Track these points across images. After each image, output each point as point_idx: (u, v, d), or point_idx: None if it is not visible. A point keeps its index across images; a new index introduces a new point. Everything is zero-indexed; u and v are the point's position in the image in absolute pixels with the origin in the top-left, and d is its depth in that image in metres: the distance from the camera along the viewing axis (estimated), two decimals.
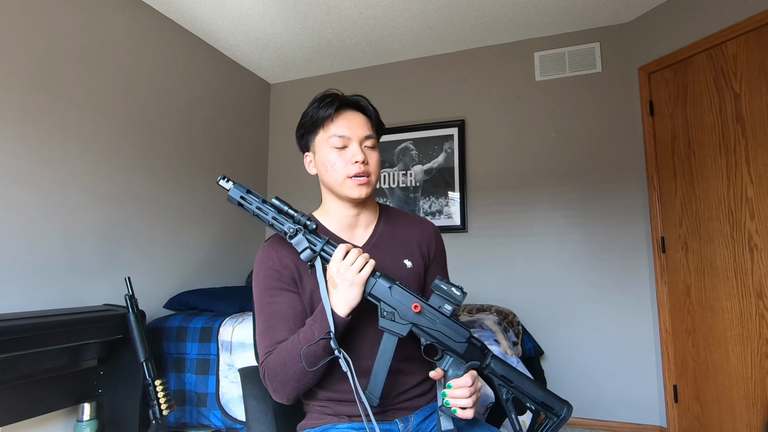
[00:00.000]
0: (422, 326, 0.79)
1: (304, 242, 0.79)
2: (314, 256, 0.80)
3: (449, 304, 0.79)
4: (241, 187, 0.81)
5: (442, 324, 0.79)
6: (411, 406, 0.90)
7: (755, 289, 1.91)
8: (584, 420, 2.39)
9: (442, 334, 0.79)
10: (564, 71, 2.62)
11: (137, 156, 2.24)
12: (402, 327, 0.79)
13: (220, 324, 2.04)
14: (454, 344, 0.79)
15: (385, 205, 1.04)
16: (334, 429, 0.87)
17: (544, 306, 2.53)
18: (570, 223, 2.53)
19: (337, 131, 0.89)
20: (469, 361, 0.79)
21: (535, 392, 0.80)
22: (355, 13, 2.42)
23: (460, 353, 0.79)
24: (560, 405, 0.79)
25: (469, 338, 0.79)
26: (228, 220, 2.88)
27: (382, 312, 0.79)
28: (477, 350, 0.80)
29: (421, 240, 0.98)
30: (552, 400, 0.80)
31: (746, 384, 1.92)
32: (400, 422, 0.88)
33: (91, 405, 1.77)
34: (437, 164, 2.84)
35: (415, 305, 0.78)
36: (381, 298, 0.79)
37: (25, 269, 1.73)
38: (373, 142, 0.92)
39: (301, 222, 0.80)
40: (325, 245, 0.80)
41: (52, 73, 1.86)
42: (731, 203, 2.00)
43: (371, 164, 0.90)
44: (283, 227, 0.80)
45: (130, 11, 2.23)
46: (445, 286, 0.79)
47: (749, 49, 1.96)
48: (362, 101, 0.93)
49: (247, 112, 3.13)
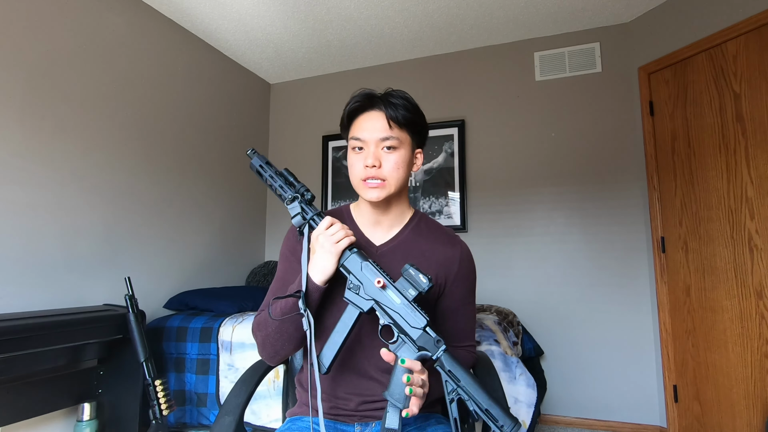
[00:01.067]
0: (383, 304, 0.81)
1: (297, 208, 0.87)
2: (304, 223, 0.87)
3: (413, 289, 0.80)
4: (261, 158, 0.92)
5: (403, 306, 0.80)
6: (376, 416, 0.90)
7: (755, 289, 1.91)
8: (584, 420, 2.39)
9: (400, 316, 0.80)
10: (564, 71, 2.62)
11: (137, 156, 2.24)
12: (364, 302, 0.82)
13: (220, 324, 2.04)
14: (410, 329, 0.80)
15: (426, 216, 1.02)
16: (300, 421, 0.92)
17: (544, 306, 2.53)
18: (570, 222, 2.53)
19: (356, 134, 0.91)
20: (421, 350, 0.79)
21: (481, 397, 0.76)
22: (356, 12, 2.42)
23: (413, 338, 0.80)
24: (506, 419, 0.74)
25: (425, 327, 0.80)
26: (228, 220, 2.88)
27: (349, 284, 0.83)
28: (431, 341, 0.79)
29: (444, 260, 0.94)
30: (498, 411, 0.75)
31: (746, 384, 1.92)
32: (358, 426, 0.89)
33: (91, 405, 1.77)
34: (437, 164, 2.84)
35: (378, 280, 0.81)
36: (351, 271, 0.83)
37: (25, 269, 1.73)
38: (394, 142, 0.89)
39: (300, 191, 0.88)
40: (315, 215, 0.87)
41: (53, 73, 1.86)
42: (731, 203, 2.00)
43: (386, 167, 0.88)
44: (285, 194, 0.88)
45: (130, 11, 2.23)
46: (413, 271, 0.80)
47: (749, 49, 1.96)
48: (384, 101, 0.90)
49: (247, 112, 3.13)
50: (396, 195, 0.93)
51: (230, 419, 0.89)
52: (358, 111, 0.91)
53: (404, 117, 0.89)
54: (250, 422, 1.90)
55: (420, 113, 0.93)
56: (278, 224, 3.25)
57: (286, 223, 3.19)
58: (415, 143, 0.94)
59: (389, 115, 0.88)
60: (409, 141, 0.92)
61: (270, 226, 3.28)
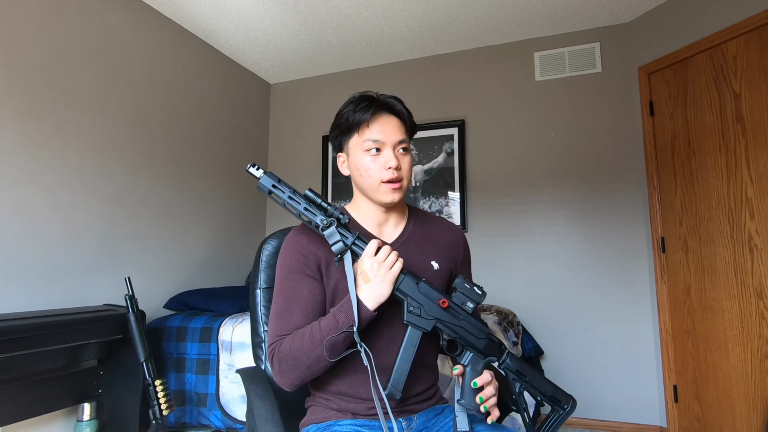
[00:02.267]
0: (446, 322, 0.82)
1: (336, 235, 0.81)
2: (345, 249, 0.81)
3: (471, 302, 0.82)
4: (272, 176, 0.83)
5: (465, 320, 0.83)
6: (415, 409, 0.91)
7: (755, 289, 1.91)
8: (584, 420, 2.39)
9: (465, 330, 0.82)
10: (564, 71, 2.62)
11: (137, 156, 2.24)
12: (427, 322, 0.81)
13: (220, 324, 2.04)
14: (476, 340, 0.83)
15: (415, 207, 1.06)
16: (338, 425, 0.87)
17: (544, 306, 2.53)
18: (570, 223, 2.53)
19: (372, 136, 0.90)
20: (487, 357, 0.83)
21: (545, 386, 0.85)
22: (355, 12, 2.42)
23: (480, 349, 0.83)
24: (566, 398, 0.85)
25: (489, 335, 0.83)
26: (228, 220, 2.88)
27: (409, 307, 0.81)
28: (495, 347, 0.84)
29: (450, 244, 0.99)
30: (559, 394, 0.85)
31: (746, 384, 1.92)
32: (403, 421, 0.89)
33: (91, 405, 1.77)
34: (437, 164, 2.84)
35: (442, 301, 0.81)
36: (408, 294, 0.82)
37: (25, 269, 1.73)
38: (406, 146, 0.93)
39: (334, 215, 0.82)
40: (356, 239, 0.83)
41: (52, 73, 1.86)
42: (731, 203, 2.00)
43: (404, 169, 0.91)
44: (315, 219, 0.82)
45: (130, 11, 2.23)
46: (468, 284, 0.82)
47: (749, 49, 1.96)
48: (397, 105, 0.94)
49: (247, 112, 3.13)
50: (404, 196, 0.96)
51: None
52: (374, 114, 0.91)
53: (409, 121, 0.95)
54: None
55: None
56: (278, 224, 3.25)
57: (286, 223, 3.19)
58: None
59: (403, 119, 0.93)
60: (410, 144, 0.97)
61: (270, 226, 3.28)
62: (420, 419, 0.91)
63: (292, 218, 3.17)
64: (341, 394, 0.90)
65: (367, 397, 0.88)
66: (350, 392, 0.89)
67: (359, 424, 0.87)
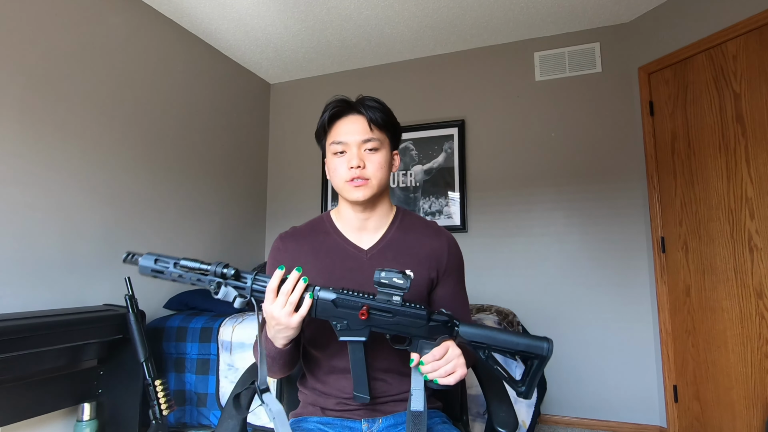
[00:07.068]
0: (378, 325, 0.78)
1: (232, 291, 0.75)
2: (247, 299, 0.77)
3: (396, 294, 0.77)
4: (149, 256, 0.75)
5: (398, 315, 0.78)
6: (385, 410, 0.92)
7: (755, 289, 1.90)
8: (584, 420, 2.39)
9: (400, 325, 0.78)
10: (564, 71, 2.62)
11: (137, 156, 2.24)
12: (360, 332, 0.78)
13: (220, 324, 2.04)
14: (416, 330, 0.78)
15: (406, 210, 1.04)
16: (305, 422, 0.93)
17: (544, 306, 2.53)
18: (570, 222, 2.53)
19: (336, 138, 0.92)
20: (438, 338, 0.79)
21: (513, 343, 0.78)
22: (355, 12, 2.42)
23: (425, 336, 0.78)
24: (539, 344, 0.77)
25: (429, 318, 0.78)
26: (228, 220, 2.88)
27: (337, 326, 0.78)
28: (441, 326, 0.79)
29: (433, 251, 0.96)
30: (531, 344, 0.78)
31: (746, 384, 1.92)
32: (365, 422, 0.90)
33: (91, 405, 1.77)
34: (437, 164, 2.84)
35: (361, 313, 0.76)
36: (330, 314, 0.78)
37: (25, 269, 1.73)
38: (376, 144, 0.92)
39: (217, 273, 0.75)
40: (253, 284, 0.77)
41: (52, 73, 1.86)
42: (731, 203, 2.00)
43: (370, 167, 0.91)
44: (206, 285, 0.76)
45: (129, 11, 2.23)
46: (386, 278, 0.76)
47: (749, 49, 1.96)
48: (362, 105, 0.93)
49: (247, 112, 3.13)
50: (379, 195, 0.95)
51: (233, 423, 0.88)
52: (337, 116, 0.94)
53: (382, 119, 0.93)
54: (251, 422, 1.90)
55: (394, 116, 0.97)
56: (278, 224, 3.25)
57: (286, 224, 3.19)
58: (392, 145, 0.98)
59: (369, 117, 0.92)
60: (387, 142, 0.96)
61: (270, 226, 3.28)
62: (385, 423, 0.90)
63: (293, 219, 3.17)
64: (315, 390, 0.95)
65: (335, 394, 0.92)
66: (322, 389, 0.93)
67: (324, 422, 0.91)
